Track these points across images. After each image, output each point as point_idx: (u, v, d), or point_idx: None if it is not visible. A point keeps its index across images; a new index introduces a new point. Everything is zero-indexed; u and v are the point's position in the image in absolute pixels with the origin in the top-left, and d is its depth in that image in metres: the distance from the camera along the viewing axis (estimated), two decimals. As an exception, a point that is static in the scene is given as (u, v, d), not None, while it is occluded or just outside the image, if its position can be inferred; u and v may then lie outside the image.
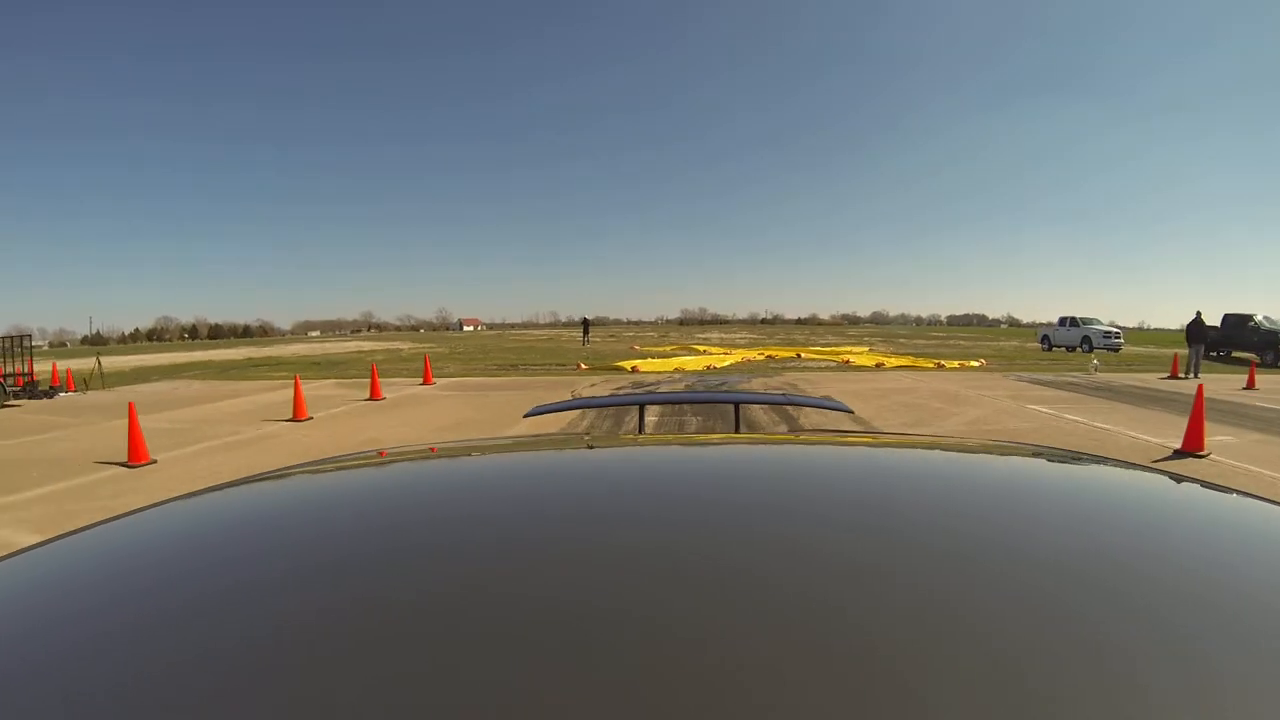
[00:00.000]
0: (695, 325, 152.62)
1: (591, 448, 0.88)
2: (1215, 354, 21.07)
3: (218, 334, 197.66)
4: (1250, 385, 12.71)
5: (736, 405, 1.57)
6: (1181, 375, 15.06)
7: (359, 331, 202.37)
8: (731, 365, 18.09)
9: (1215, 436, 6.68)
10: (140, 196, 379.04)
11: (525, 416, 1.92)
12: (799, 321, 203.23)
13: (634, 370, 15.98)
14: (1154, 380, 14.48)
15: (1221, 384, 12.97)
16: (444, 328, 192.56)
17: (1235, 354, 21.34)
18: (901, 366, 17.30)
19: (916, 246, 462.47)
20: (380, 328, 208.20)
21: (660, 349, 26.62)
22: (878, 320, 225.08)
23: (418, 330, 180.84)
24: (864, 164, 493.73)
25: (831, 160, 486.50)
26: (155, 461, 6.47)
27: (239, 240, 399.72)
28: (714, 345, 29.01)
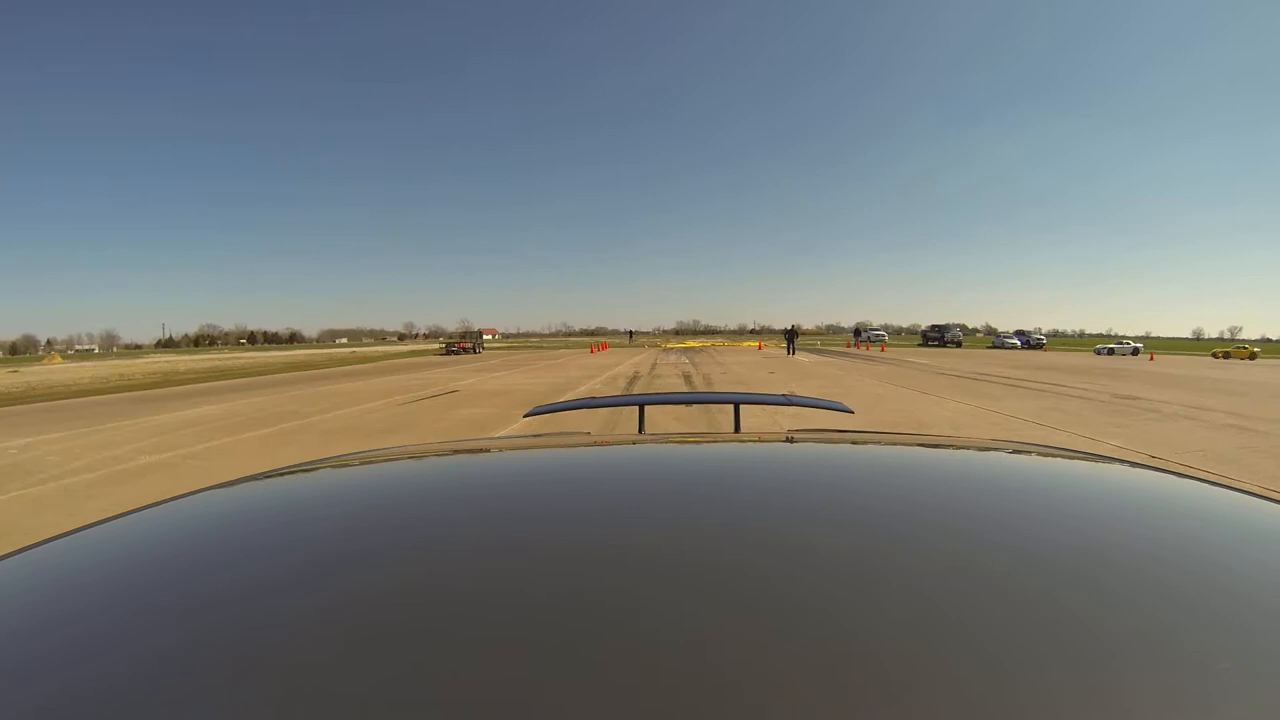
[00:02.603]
0: (689, 334, 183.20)
1: (591, 447, 0.90)
2: (933, 342, 52.60)
3: (275, 339, 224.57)
4: (882, 351, 40.52)
5: (736, 405, 1.59)
6: (852, 348, 44.83)
7: (404, 338, 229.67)
8: (697, 347, 49.99)
9: (807, 357, 34.25)
10: (133, 205, 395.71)
11: (525, 416, 1.93)
12: (783, 331, 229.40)
13: (666, 347, 48.62)
14: (839, 348, 45.09)
15: (896, 350, 40.15)
16: (461, 336, 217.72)
17: (939, 344, 53.74)
18: (756, 347, 48.76)
19: (907, 257, 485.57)
20: (423, 336, 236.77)
21: (672, 342, 62.30)
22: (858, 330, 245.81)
23: (438, 339, 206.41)
24: (857, 176, 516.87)
25: (825, 174, 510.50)
26: (605, 350, 37.34)
27: (233, 248, 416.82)
28: (696, 342, 64.69)
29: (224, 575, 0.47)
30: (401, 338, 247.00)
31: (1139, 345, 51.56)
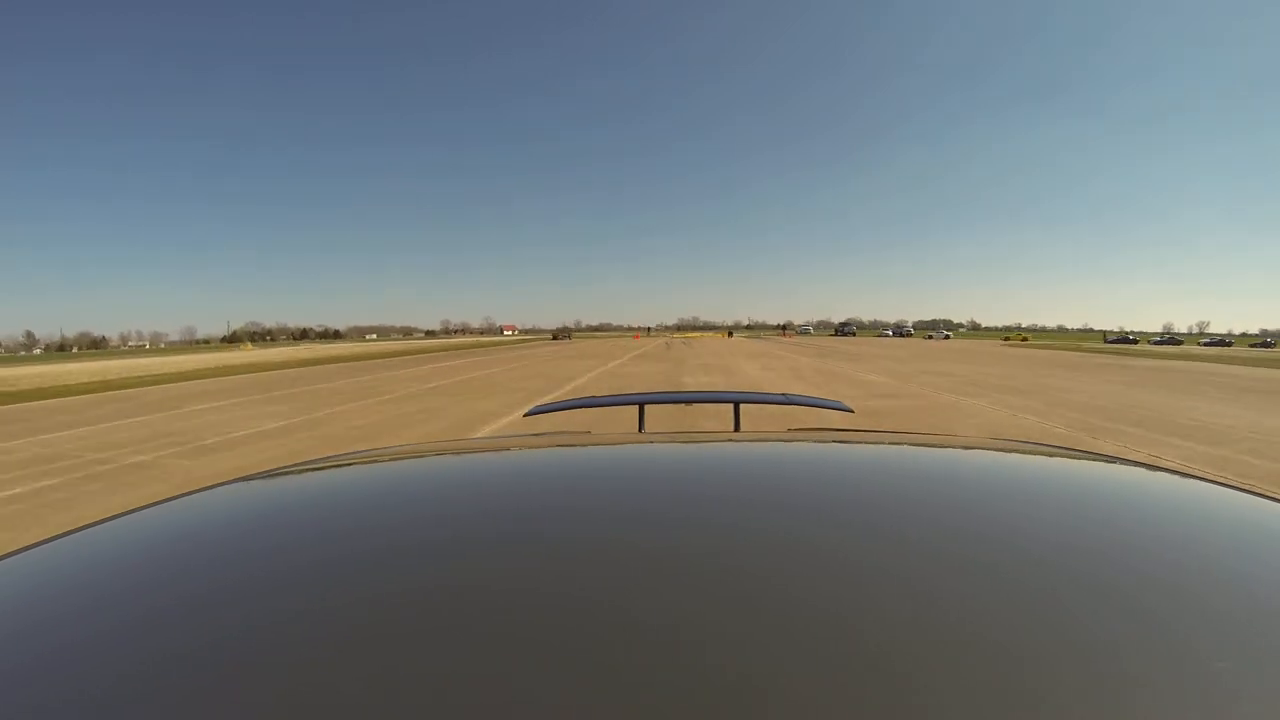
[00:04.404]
0: (689, 328, 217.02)
1: (591, 446, 0.90)
2: (840, 334, 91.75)
3: (323, 335, 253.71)
4: (790, 338, 75.01)
5: (736, 405, 1.59)
6: (782, 337, 79.39)
7: (432, 334, 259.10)
8: (695, 337, 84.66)
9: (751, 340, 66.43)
10: (140, 205, 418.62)
11: (525, 415, 1.94)
12: (776, 327, 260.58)
13: (673, 337, 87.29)
14: (772, 336, 79.77)
15: (805, 340, 65.18)
16: (480, 332, 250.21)
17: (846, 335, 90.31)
18: (721, 335, 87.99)
19: (902, 255, 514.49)
20: (458, 332, 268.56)
21: (676, 335, 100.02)
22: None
23: (455, 334, 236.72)
24: (850, 177, 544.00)
25: (821, 174, 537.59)
26: (640, 338, 70.16)
27: (236, 248, 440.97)
28: (695, 334, 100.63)
29: (224, 575, 0.47)
30: (429, 334, 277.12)
31: (949, 333, 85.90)
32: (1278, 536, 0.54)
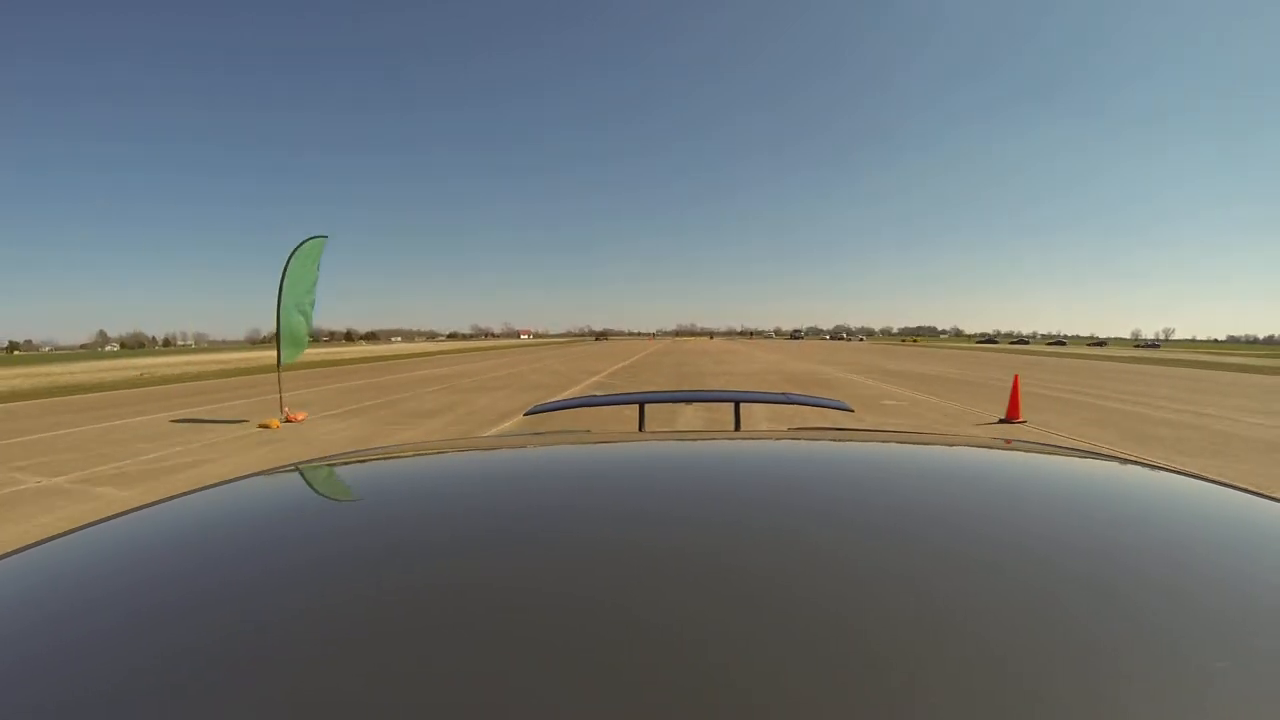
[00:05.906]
0: (687, 334, 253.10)
1: (591, 445, 0.91)
2: (793, 338, 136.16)
3: (365, 337, 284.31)
4: (752, 340, 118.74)
5: (736, 404, 1.60)
6: (748, 340, 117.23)
7: (454, 336, 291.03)
8: (685, 340, 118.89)
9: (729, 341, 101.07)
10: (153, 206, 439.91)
11: (525, 414, 2.03)
12: (747, 332, 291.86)
13: (674, 339, 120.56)
14: (741, 340, 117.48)
15: (761, 341, 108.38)
16: (494, 336, 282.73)
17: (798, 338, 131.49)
18: (710, 338, 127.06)
19: (897, 258, 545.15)
20: (486, 335, 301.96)
21: (678, 338, 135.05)
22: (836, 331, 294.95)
23: (475, 337, 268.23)
24: (850, 179, 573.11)
25: (817, 177, 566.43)
26: (652, 341, 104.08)
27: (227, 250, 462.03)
28: (688, 338, 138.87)
29: (225, 574, 0.47)
30: (451, 336, 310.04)
31: (864, 336, 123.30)
32: (1277, 537, 0.54)
